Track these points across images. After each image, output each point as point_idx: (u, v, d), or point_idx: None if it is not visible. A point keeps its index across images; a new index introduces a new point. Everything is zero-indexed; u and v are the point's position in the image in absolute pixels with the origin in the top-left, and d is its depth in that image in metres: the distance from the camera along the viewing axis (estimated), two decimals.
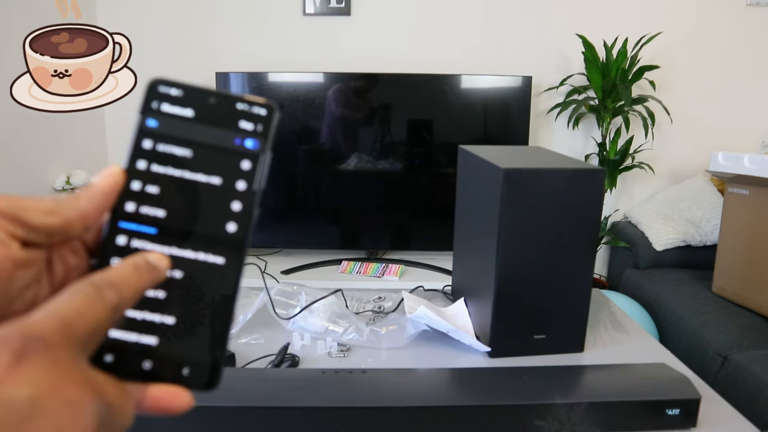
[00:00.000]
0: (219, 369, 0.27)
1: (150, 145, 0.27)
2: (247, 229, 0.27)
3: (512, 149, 1.08)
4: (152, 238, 0.27)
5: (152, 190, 0.27)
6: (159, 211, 0.27)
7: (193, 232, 0.27)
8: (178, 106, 0.28)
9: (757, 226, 1.60)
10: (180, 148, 0.27)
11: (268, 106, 0.28)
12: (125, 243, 0.27)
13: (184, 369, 0.26)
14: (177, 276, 0.27)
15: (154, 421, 0.66)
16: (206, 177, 0.27)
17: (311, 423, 0.68)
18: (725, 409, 0.78)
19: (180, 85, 0.28)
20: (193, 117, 0.28)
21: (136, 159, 0.27)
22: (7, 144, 1.81)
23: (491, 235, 0.87)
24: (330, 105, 2.10)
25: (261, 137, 0.28)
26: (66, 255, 0.26)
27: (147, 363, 0.26)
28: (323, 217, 2.28)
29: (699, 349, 1.62)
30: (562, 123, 2.28)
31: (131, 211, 0.27)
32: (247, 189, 0.27)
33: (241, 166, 0.28)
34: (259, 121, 0.28)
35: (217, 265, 0.27)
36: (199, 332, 0.27)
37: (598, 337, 1.00)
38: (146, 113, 0.27)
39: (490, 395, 0.72)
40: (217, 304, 0.27)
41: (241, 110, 0.28)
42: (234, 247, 0.27)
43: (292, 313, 0.97)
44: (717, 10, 2.29)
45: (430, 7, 2.26)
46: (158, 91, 0.28)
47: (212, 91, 0.28)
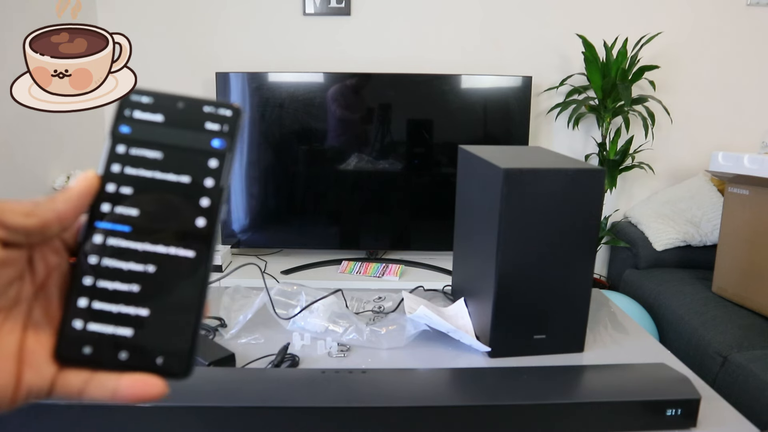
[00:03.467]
0: (192, 357, 0.28)
1: (123, 150, 0.29)
2: (215, 223, 0.29)
3: (512, 149, 1.08)
4: (126, 235, 0.28)
5: (126, 191, 0.29)
6: (132, 210, 0.29)
7: (165, 228, 0.29)
8: (149, 112, 0.29)
9: (757, 226, 1.60)
10: (151, 150, 0.29)
11: (233, 108, 0.30)
12: (101, 241, 0.28)
13: (158, 358, 0.28)
14: (150, 270, 0.28)
15: (154, 421, 0.67)
16: (176, 176, 0.29)
17: (311, 423, 0.68)
18: (725, 409, 0.78)
19: (151, 93, 0.30)
20: (163, 121, 0.29)
21: (111, 163, 0.29)
22: (7, 144, 1.81)
23: (491, 235, 0.87)
24: (329, 105, 2.10)
25: (227, 137, 0.30)
26: (47, 254, 0.28)
27: (123, 354, 0.28)
28: (323, 217, 2.28)
29: (699, 349, 1.62)
30: (562, 123, 2.28)
31: (106, 212, 0.29)
32: (214, 186, 0.29)
33: (209, 165, 0.29)
34: (225, 122, 0.30)
35: (187, 259, 0.29)
36: (172, 323, 0.28)
37: (598, 337, 1.00)
38: (119, 120, 0.29)
39: (490, 395, 0.72)
40: (189, 295, 0.28)
41: (207, 113, 0.30)
42: (203, 241, 0.29)
43: (292, 313, 0.97)
44: (717, 10, 2.29)
45: (430, 7, 2.26)
46: (131, 100, 0.30)
47: (181, 97, 0.30)
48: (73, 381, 0.27)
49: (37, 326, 0.27)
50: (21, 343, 0.26)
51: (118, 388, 0.27)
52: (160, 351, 0.28)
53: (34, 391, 0.26)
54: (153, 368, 0.28)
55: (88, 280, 0.28)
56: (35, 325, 0.27)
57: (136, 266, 0.28)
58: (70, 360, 0.27)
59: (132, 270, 0.28)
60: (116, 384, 0.27)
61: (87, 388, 0.27)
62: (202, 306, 0.28)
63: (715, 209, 2.11)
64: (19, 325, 0.27)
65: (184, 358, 0.28)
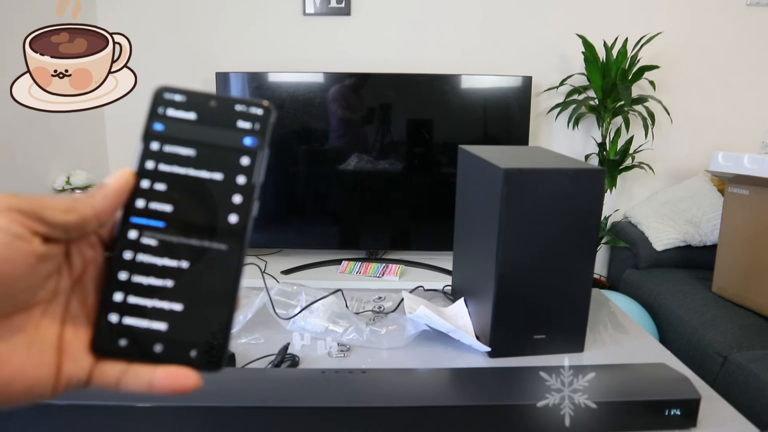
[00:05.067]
0: (225, 351, 0.29)
1: (157, 147, 0.30)
2: (247, 219, 0.30)
3: (512, 149, 1.08)
4: (161, 230, 0.29)
5: (160, 187, 0.29)
6: (166, 206, 0.29)
7: (198, 223, 0.29)
8: (182, 110, 0.30)
9: (757, 226, 1.60)
10: (184, 148, 0.30)
11: (264, 107, 0.30)
12: (136, 236, 0.29)
13: (192, 351, 0.28)
14: (183, 265, 0.29)
15: (154, 421, 0.66)
16: (209, 173, 0.30)
17: (311, 423, 0.68)
18: (725, 409, 0.78)
19: (183, 91, 0.30)
20: (196, 119, 0.30)
21: (145, 160, 0.30)
22: (7, 144, 1.81)
23: (491, 235, 0.87)
24: (329, 106, 2.10)
25: (258, 135, 0.30)
26: (84, 249, 0.29)
27: (158, 346, 0.28)
28: (323, 217, 2.28)
29: (699, 349, 1.62)
30: (562, 123, 2.28)
31: (141, 207, 0.29)
32: (246, 183, 0.30)
33: (240, 162, 0.30)
34: (257, 120, 0.30)
35: (220, 254, 0.29)
36: (206, 316, 0.29)
37: (598, 337, 1.00)
38: (153, 118, 0.30)
39: (490, 395, 0.72)
40: (222, 289, 0.29)
41: (239, 111, 0.30)
42: (236, 237, 0.29)
43: (292, 313, 0.97)
44: (717, 10, 2.29)
45: (430, 7, 2.26)
46: (164, 98, 0.30)
47: (213, 95, 0.30)
48: (109, 372, 0.28)
49: (74, 319, 0.28)
50: (60, 335, 0.27)
51: (154, 380, 0.28)
52: (194, 344, 0.28)
53: (73, 381, 0.27)
54: (187, 361, 0.28)
55: (123, 274, 0.29)
56: (73, 318, 0.28)
57: (169, 261, 0.29)
58: (106, 352, 0.28)
59: (166, 265, 0.29)
60: (151, 376, 0.28)
61: (123, 379, 0.28)
62: (234, 300, 0.29)
63: (715, 209, 2.11)
64: (57, 318, 0.28)
65: (217, 352, 0.29)
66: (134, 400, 0.65)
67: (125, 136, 2.31)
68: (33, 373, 0.26)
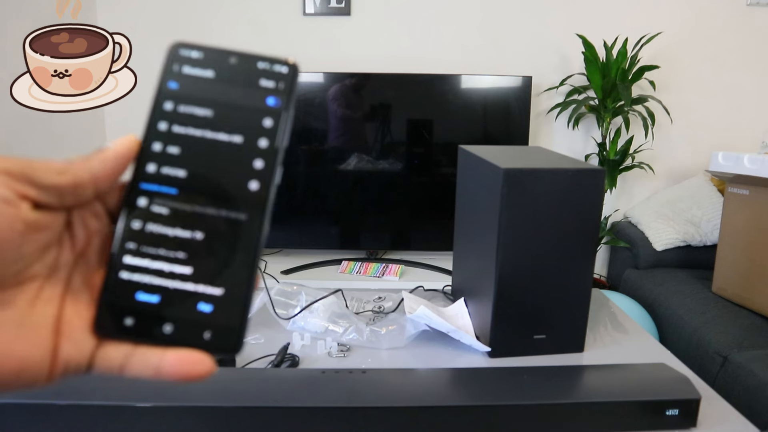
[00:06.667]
0: (243, 332, 0.26)
1: (171, 107, 0.27)
2: (269, 186, 0.27)
3: (512, 149, 1.08)
4: (173, 198, 0.26)
5: (173, 150, 0.27)
6: (180, 171, 0.26)
7: (215, 191, 0.27)
8: (199, 67, 0.28)
9: (757, 226, 1.60)
10: (201, 108, 0.27)
11: (289, 64, 0.28)
12: (146, 204, 0.26)
13: (206, 333, 0.26)
14: (198, 237, 0.26)
15: (154, 421, 0.66)
16: (228, 136, 0.27)
17: (311, 423, 0.68)
18: (725, 409, 0.78)
19: (201, 47, 0.28)
20: (214, 77, 0.27)
21: (157, 121, 0.27)
22: (7, 144, 1.81)
23: (491, 235, 0.87)
24: (329, 105, 2.10)
25: (283, 95, 0.28)
26: (87, 219, 0.26)
27: (167, 326, 0.25)
28: (323, 217, 2.28)
29: (699, 349, 1.62)
30: (562, 123, 2.27)
31: (152, 173, 0.26)
32: (269, 146, 0.27)
33: (263, 124, 0.27)
34: (281, 79, 0.28)
35: (239, 225, 0.26)
36: (222, 294, 0.26)
37: (598, 337, 1.00)
38: (167, 76, 0.27)
39: (490, 395, 0.72)
40: (239, 265, 0.26)
41: (262, 69, 0.28)
42: (256, 206, 0.27)
43: (292, 313, 0.97)
44: (717, 10, 2.29)
45: (430, 7, 2.26)
46: (179, 54, 0.28)
47: (233, 51, 0.28)
48: (113, 355, 0.25)
49: (76, 296, 0.25)
50: (59, 313, 0.25)
51: (162, 364, 0.25)
52: (208, 325, 0.25)
53: (72, 365, 0.24)
54: (200, 344, 0.25)
55: (131, 245, 0.26)
56: (74, 295, 0.25)
57: (182, 232, 0.26)
58: (111, 332, 0.25)
59: (178, 236, 0.26)
60: (160, 360, 0.25)
61: (129, 363, 0.25)
62: (253, 277, 0.26)
63: (715, 209, 2.11)
64: (57, 294, 0.25)
65: (234, 333, 0.26)
66: (134, 400, 0.65)
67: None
68: (24, 355, 0.23)
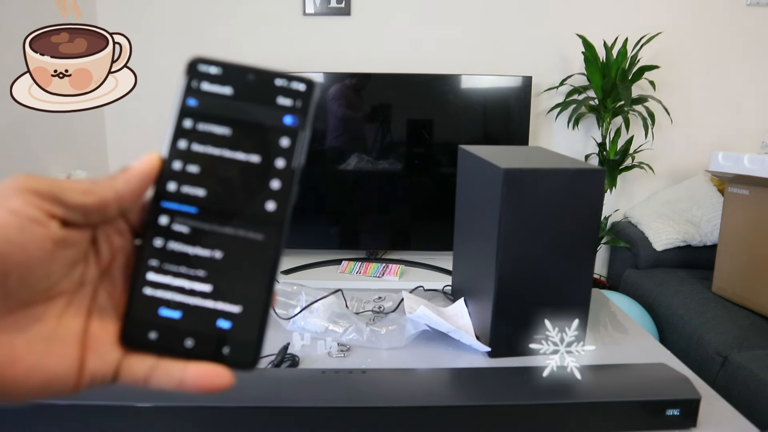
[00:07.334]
0: (259, 348, 0.27)
1: (190, 125, 0.27)
2: (286, 207, 0.27)
3: (512, 149, 1.08)
4: (193, 217, 0.27)
5: (193, 169, 0.27)
6: (199, 190, 0.27)
7: (233, 211, 0.27)
8: (218, 84, 0.28)
9: (757, 226, 1.60)
10: (219, 126, 0.27)
11: (307, 82, 0.28)
12: (167, 223, 0.27)
13: (225, 348, 0.26)
14: (217, 255, 0.27)
15: (155, 421, 0.66)
16: (245, 155, 0.27)
17: (311, 423, 0.68)
18: (725, 409, 0.78)
19: (219, 62, 0.28)
20: (232, 95, 0.27)
21: (178, 139, 0.27)
22: (7, 144, 1.80)
23: (491, 235, 0.87)
24: (329, 105, 2.10)
25: (300, 113, 0.28)
26: (112, 236, 0.27)
27: (189, 341, 0.26)
28: (323, 217, 2.28)
29: (699, 349, 1.62)
30: (562, 123, 2.27)
31: (173, 191, 0.27)
32: (286, 167, 0.27)
33: (280, 144, 0.27)
34: (298, 97, 0.28)
35: (256, 245, 0.27)
36: (240, 311, 0.27)
37: (598, 337, 1.00)
38: (187, 93, 0.27)
39: (490, 395, 0.72)
40: (256, 283, 0.27)
41: (279, 86, 0.28)
42: (273, 226, 0.27)
43: (292, 313, 0.97)
44: (717, 10, 2.29)
45: (430, 7, 2.26)
46: (198, 70, 0.28)
47: (251, 68, 0.28)
48: (138, 368, 0.26)
49: (101, 310, 0.27)
50: (85, 327, 0.26)
51: (185, 377, 0.26)
52: (227, 340, 0.26)
53: (99, 377, 0.26)
54: (219, 358, 0.26)
55: (153, 262, 0.27)
56: (100, 309, 0.27)
57: (202, 250, 0.27)
58: (135, 345, 0.26)
59: (198, 254, 0.27)
60: (182, 373, 0.26)
61: (153, 375, 0.26)
62: (270, 294, 0.27)
63: (715, 209, 2.11)
64: (83, 309, 0.26)
65: (251, 349, 0.27)
66: (134, 400, 0.65)
67: (125, 136, 2.31)
68: (52, 368, 0.24)
